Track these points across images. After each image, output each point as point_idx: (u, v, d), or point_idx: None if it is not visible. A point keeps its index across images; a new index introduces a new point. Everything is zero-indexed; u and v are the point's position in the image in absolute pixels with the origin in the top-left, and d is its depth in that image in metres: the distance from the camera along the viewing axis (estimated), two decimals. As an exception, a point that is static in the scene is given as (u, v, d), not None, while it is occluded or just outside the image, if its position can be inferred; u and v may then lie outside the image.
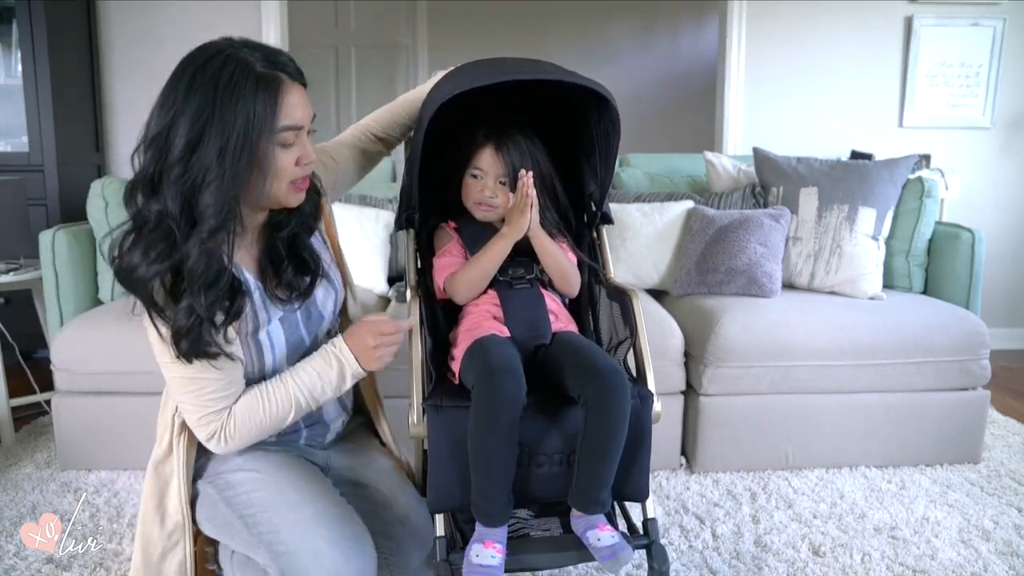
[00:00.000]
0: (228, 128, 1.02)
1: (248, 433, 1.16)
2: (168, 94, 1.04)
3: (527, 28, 5.26)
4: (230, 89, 1.02)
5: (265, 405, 1.16)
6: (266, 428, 1.17)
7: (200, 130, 1.01)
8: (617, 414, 1.18)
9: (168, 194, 1.02)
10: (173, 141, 1.02)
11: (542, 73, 1.27)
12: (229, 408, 1.14)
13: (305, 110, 1.13)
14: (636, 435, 1.24)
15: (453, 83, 1.29)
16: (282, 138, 1.08)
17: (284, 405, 1.17)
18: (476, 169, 1.43)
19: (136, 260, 1.05)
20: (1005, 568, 1.64)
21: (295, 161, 1.12)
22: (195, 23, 3.26)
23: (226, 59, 1.04)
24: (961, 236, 2.36)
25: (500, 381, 1.16)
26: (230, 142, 1.02)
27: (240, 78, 1.03)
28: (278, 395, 1.16)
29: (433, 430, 1.22)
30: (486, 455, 1.17)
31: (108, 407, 2.08)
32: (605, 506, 1.21)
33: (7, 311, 2.89)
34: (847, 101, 3.47)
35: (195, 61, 1.05)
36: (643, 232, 2.51)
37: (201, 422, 1.14)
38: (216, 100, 1.02)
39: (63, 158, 3.02)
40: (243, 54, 1.06)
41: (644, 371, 1.31)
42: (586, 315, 1.56)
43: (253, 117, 1.03)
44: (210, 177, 1.02)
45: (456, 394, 1.26)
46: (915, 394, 2.15)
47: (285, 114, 1.07)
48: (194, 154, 1.02)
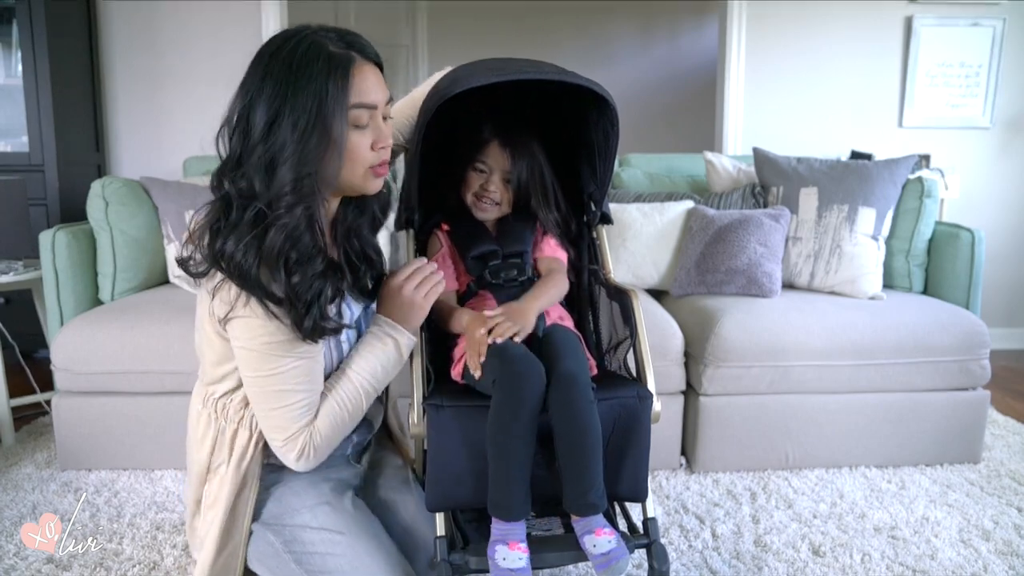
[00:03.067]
0: (301, 105, 1.03)
1: (331, 441, 1.17)
2: (247, 79, 1.07)
3: (527, 28, 5.26)
4: (303, 68, 1.04)
5: (341, 408, 1.17)
6: (346, 429, 1.19)
7: (277, 109, 1.03)
8: (581, 416, 1.16)
9: (253, 174, 1.04)
10: (253, 122, 1.04)
11: (541, 73, 1.27)
12: (312, 421, 1.15)
13: (380, 90, 1.12)
14: (633, 435, 1.24)
15: (451, 84, 1.29)
16: (354, 116, 1.08)
17: (356, 401, 1.19)
18: (481, 163, 1.44)
19: (231, 247, 1.04)
20: (1005, 568, 1.64)
21: (371, 145, 1.12)
22: (195, 23, 3.26)
23: (300, 40, 1.06)
24: (961, 236, 2.36)
25: (522, 370, 1.17)
26: (303, 119, 1.03)
27: (312, 57, 1.05)
28: (348, 393, 1.18)
29: (433, 430, 1.21)
30: (507, 447, 1.16)
31: (108, 407, 2.08)
32: (599, 507, 1.19)
33: (7, 311, 2.90)
34: (847, 101, 3.47)
35: (272, 45, 1.08)
36: (643, 232, 2.51)
37: (290, 441, 1.13)
38: (290, 79, 1.03)
39: (63, 158, 3.02)
40: (318, 36, 1.08)
41: (644, 371, 1.31)
42: (586, 315, 1.56)
43: (325, 94, 1.04)
44: (287, 153, 1.03)
45: (457, 394, 1.26)
46: (915, 394, 2.15)
47: (356, 92, 1.08)
48: (272, 133, 1.03)
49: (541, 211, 1.48)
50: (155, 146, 3.31)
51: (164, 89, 3.28)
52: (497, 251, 1.45)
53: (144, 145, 3.32)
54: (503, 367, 1.18)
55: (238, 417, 1.19)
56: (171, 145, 3.28)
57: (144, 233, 2.45)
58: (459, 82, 1.27)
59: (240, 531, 1.21)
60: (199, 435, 1.22)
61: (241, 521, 1.21)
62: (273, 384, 1.10)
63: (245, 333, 1.08)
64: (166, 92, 3.29)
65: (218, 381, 1.19)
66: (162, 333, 2.03)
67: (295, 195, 1.04)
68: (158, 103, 3.29)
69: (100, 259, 2.40)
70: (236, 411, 1.19)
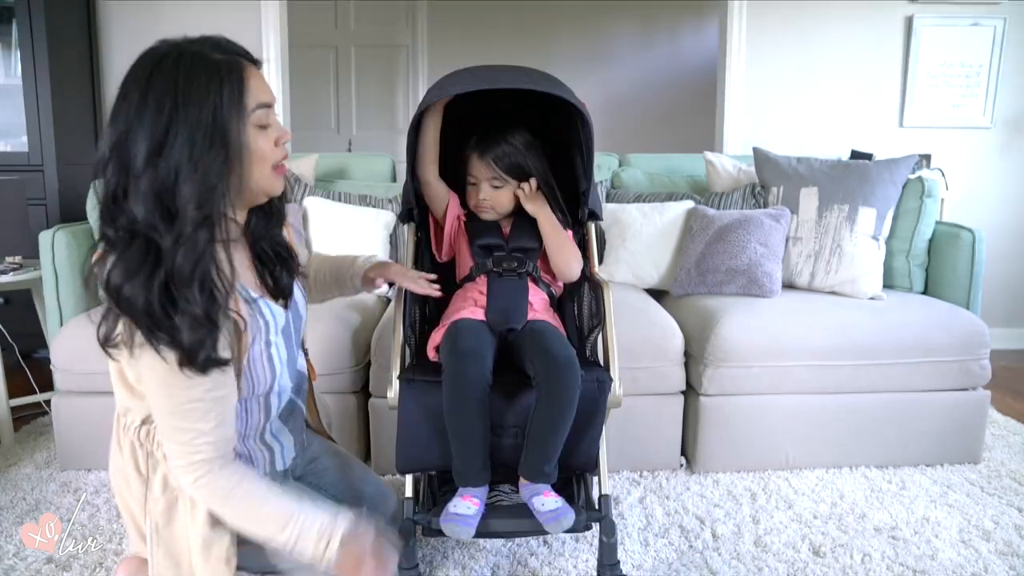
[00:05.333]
0: (195, 121, 0.98)
1: (225, 508, 1.08)
2: (119, 107, 0.99)
3: (527, 28, 5.26)
4: (190, 81, 0.98)
5: (259, 509, 1.09)
6: (242, 521, 1.09)
7: (163, 131, 0.97)
8: (565, 396, 1.32)
9: (135, 203, 0.97)
10: (132, 151, 0.97)
11: (517, 83, 1.42)
12: (216, 460, 1.07)
13: (269, 89, 1.10)
14: (590, 412, 1.40)
15: (437, 91, 1.46)
16: (256, 118, 1.06)
17: (272, 529, 1.08)
18: (471, 176, 1.59)
19: (118, 279, 0.98)
20: (1005, 568, 1.64)
21: (274, 142, 1.10)
22: (195, 23, 3.26)
23: (179, 56, 1.00)
24: (961, 236, 2.36)
25: (466, 364, 1.32)
26: (200, 134, 0.98)
27: (199, 70, 1.00)
28: (276, 518, 1.08)
29: (403, 399, 1.38)
30: (460, 427, 1.32)
31: (108, 407, 2.05)
32: (550, 478, 1.35)
33: (7, 311, 2.89)
34: (847, 101, 3.47)
35: (143, 68, 1.00)
36: (643, 232, 2.51)
37: (190, 466, 1.07)
38: (178, 97, 0.97)
39: (63, 158, 3.02)
40: (193, 47, 1.03)
41: (609, 358, 1.46)
42: (570, 305, 1.70)
43: (221, 104, 1.00)
44: (183, 175, 0.97)
45: (429, 370, 1.43)
46: (915, 394, 2.15)
47: (254, 95, 1.05)
48: (160, 157, 0.97)
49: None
50: (155, 146, 3.31)
51: (164, 89, 3.28)
52: (503, 245, 1.60)
53: (144, 145, 3.31)
54: (450, 359, 1.35)
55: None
56: (171, 145, 3.28)
57: (144, 233, 2.44)
58: (431, 94, 1.45)
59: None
60: (128, 469, 1.17)
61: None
62: (182, 402, 1.04)
63: (149, 360, 1.02)
64: (166, 92, 3.29)
65: (128, 409, 1.16)
66: (162, 333, 2.03)
67: (201, 211, 0.98)
68: (158, 103, 3.29)
69: (100, 259, 2.40)
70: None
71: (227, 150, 1.01)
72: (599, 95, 5.24)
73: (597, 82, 5.29)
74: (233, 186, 1.04)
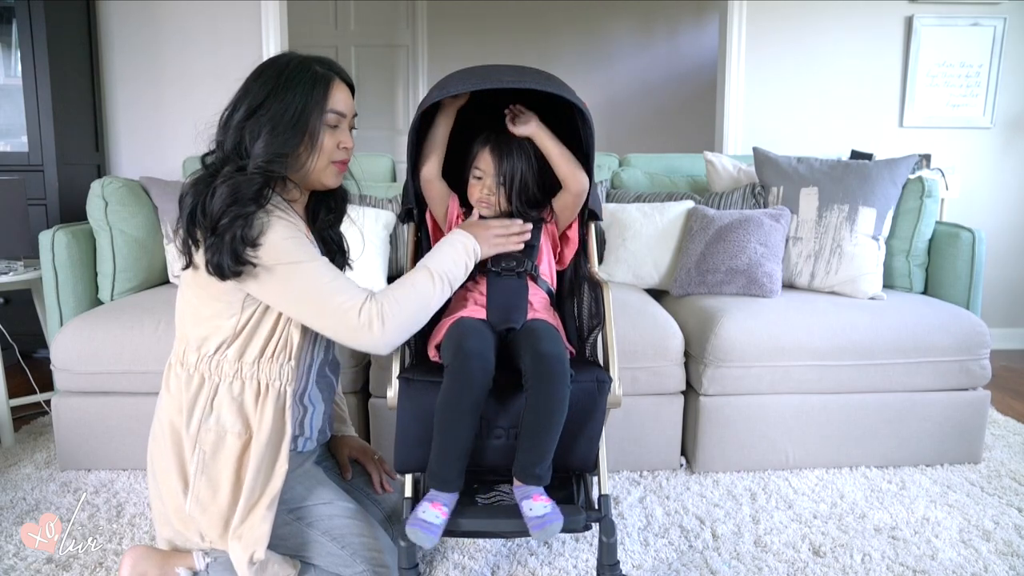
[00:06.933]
0: (288, 103, 1.26)
1: (402, 313, 1.27)
2: (241, 88, 1.30)
3: (527, 28, 5.26)
4: (291, 77, 1.29)
5: (409, 284, 1.32)
6: (417, 307, 1.31)
7: (260, 102, 1.26)
8: (554, 396, 1.30)
9: (227, 140, 1.27)
10: (235, 113, 1.27)
11: (519, 82, 1.42)
12: (371, 293, 1.28)
13: (349, 104, 1.37)
14: (589, 412, 1.39)
15: (438, 91, 1.45)
16: (329, 119, 1.32)
17: (426, 283, 1.32)
18: (477, 170, 1.57)
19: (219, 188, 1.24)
20: (1005, 568, 1.64)
21: (337, 143, 1.35)
22: (195, 23, 3.26)
23: (290, 60, 1.32)
24: (961, 236, 2.36)
25: (471, 364, 1.31)
26: (287, 112, 1.26)
27: (300, 71, 1.30)
28: (418, 275, 1.33)
29: (401, 400, 1.38)
30: (450, 427, 1.31)
31: (108, 407, 2.08)
32: (542, 480, 1.33)
33: (7, 311, 2.90)
34: (847, 101, 3.47)
35: (265, 63, 1.32)
36: (643, 232, 2.51)
37: (361, 312, 1.24)
38: (278, 84, 1.28)
39: (63, 158, 3.02)
40: (303, 57, 1.34)
41: (609, 357, 1.46)
42: (570, 305, 1.69)
43: (309, 97, 1.29)
44: (264, 136, 1.25)
45: (428, 370, 1.43)
46: (915, 394, 2.15)
47: (333, 101, 1.32)
48: (253, 118, 1.25)
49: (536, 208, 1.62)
50: (155, 146, 3.31)
51: (164, 89, 3.29)
52: None
53: (144, 145, 3.32)
54: (455, 358, 1.33)
55: (233, 371, 1.31)
56: (171, 145, 3.28)
57: (144, 233, 2.45)
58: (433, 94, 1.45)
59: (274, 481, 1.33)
60: (184, 402, 1.31)
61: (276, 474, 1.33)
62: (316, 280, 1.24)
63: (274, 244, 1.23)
64: (166, 92, 3.29)
65: (206, 339, 1.31)
66: (162, 333, 2.03)
67: (266, 165, 1.24)
68: (158, 103, 3.29)
69: (100, 259, 2.40)
70: (232, 365, 1.31)
71: (302, 133, 1.29)
72: (599, 95, 5.25)
73: (597, 82, 5.29)
74: (297, 162, 1.31)
